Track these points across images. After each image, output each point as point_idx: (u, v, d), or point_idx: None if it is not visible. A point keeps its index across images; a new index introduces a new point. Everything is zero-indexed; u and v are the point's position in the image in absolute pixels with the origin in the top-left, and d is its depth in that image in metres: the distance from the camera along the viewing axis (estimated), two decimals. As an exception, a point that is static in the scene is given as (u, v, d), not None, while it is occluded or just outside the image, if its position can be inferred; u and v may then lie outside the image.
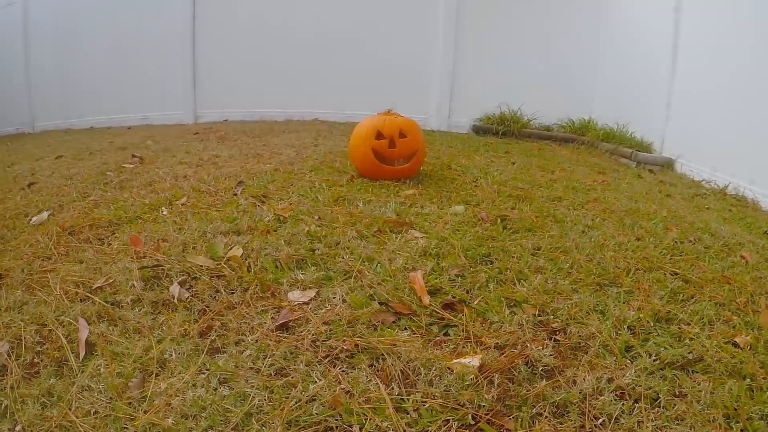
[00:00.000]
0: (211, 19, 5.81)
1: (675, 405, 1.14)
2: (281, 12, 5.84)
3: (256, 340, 1.32)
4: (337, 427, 1.06)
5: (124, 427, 1.07)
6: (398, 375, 1.20)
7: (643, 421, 1.10)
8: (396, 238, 1.97)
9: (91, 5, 5.86)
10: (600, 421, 1.10)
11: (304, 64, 5.83)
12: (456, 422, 1.07)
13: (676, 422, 1.10)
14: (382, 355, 1.26)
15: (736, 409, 1.14)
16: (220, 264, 1.72)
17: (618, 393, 1.18)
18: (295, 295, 1.54)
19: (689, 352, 1.32)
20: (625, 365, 1.27)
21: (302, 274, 1.65)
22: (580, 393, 1.16)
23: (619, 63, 5.19)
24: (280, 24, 5.83)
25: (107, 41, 5.85)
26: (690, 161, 4.00)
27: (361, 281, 1.61)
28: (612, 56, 5.33)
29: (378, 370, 1.22)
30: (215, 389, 1.15)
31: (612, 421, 1.10)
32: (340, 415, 1.08)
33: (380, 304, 1.49)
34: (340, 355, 1.27)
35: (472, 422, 1.08)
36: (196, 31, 5.81)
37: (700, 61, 3.94)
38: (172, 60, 5.84)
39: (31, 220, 2.29)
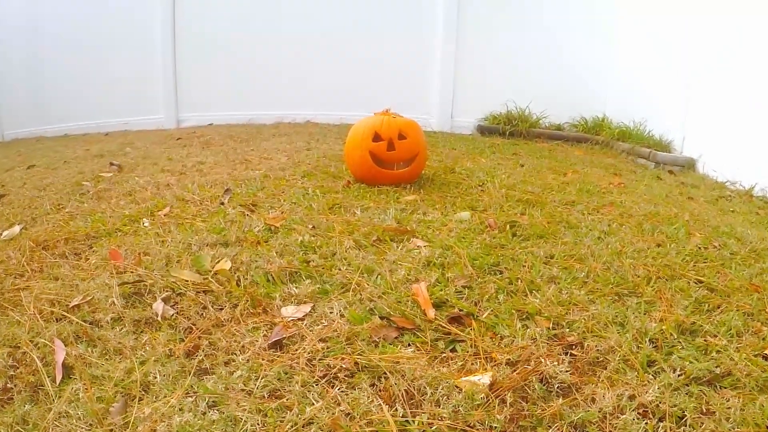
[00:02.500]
0: (193, 14, 5.84)
1: (702, 423, 1.14)
2: (269, 5, 5.87)
3: (248, 360, 1.32)
4: (336, 452, 1.06)
5: (106, 456, 1.07)
6: (402, 395, 1.20)
7: (668, 441, 1.10)
8: (397, 247, 1.98)
9: (64, 2, 5.86)
10: (622, 441, 1.10)
11: (295, 62, 5.86)
12: (466, 445, 1.07)
13: (704, 442, 1.10)
14: (385, 373, 1.26)
15: (768, 427, 1.14)
16: (207, 278, 1.72)
17: (641, 411, 1.18)
18: (289, 311, 1.54)
19: (716, 366, 1.33)
20: (648, 381, 1.27)
21: (296, 287, 1.66)
22: (599, 412, 1.16)
23: (635, 56, 5.21)
24: (268, 18, 5.86)
25: (81, 41, 5.85)
26: (713, 161, 4.01)
27: (360, 294, 1.62)
28: (626, 48, 5.36)
29: (380, 390, 1.22)
30: (204, 413, 1.15)
31: (635, 442, 1.10)
32: (340, 440, 1.08)
33: (381, 318, 1.50)
34: (338, 374, 1.27)
35: (483, 445, 1.08)
36: (177, 29, 5.84)
37: (722, 53, 3.96)
38: (151, 60, 5.86)
39: (1, 234, 2.30)
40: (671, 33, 4.62)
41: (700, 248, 2.16)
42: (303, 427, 1.11)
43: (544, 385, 1.25)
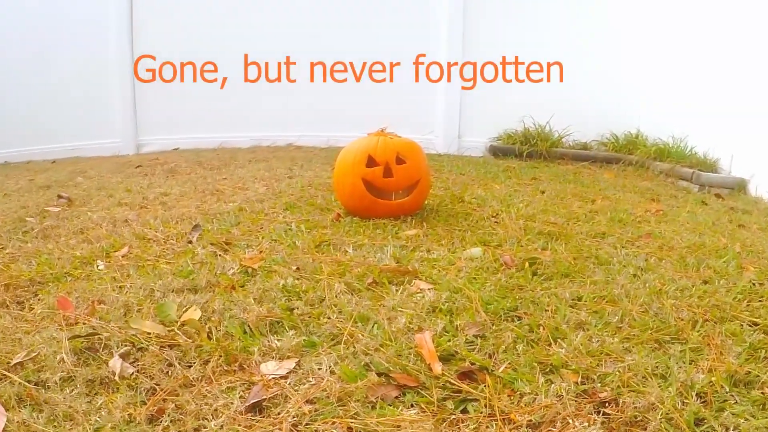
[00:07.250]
0: (153, 22, 5.92)
1: (761, 492, 1.15)
2: (243, 11, 5.98)
3: (222, 426, 1.32)
4: None
5: None
6: (405, 465, 1.20)
7: None
8: (396, 291, 1.99)
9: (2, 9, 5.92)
10: None
11: (273, 76, 5.92)
12: None
13: None
14: (384, 439, 1.27)
15: (839, 495, 1.14)
16: (173, 330, 1.73)
17: (687, 479, 1.18)
18: (270, 367, 1.54)
19: (776, 424, 1.33)
20: (696, 443, 1.27)
21: (278, 340, 1.67)
22: (638, 481, 1.17)
23: (672, 61, 5.28)
24: (242, 25, 5.96)
25: (22, 53, 5.89)
26: (768, 181, 4.04)
27: (354, 347, 1.63)
28: (663, 54, 5.44)
29: (379, 460, 1.22)
30: (170, 491, 1.15)
31: None
32: None
33: (379, 375, 1.50)
34: (329, 441, 1.27)
35: None
36: (135, 38, 5.91)
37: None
38: (106, 76, 5.92)
39: (-71, 282, 2.30)
40: (716, 33, 4.68)
41: (754, 284, 2.17)
42: (288, 504, 1.11)
43: (572, 451, 1.25)
